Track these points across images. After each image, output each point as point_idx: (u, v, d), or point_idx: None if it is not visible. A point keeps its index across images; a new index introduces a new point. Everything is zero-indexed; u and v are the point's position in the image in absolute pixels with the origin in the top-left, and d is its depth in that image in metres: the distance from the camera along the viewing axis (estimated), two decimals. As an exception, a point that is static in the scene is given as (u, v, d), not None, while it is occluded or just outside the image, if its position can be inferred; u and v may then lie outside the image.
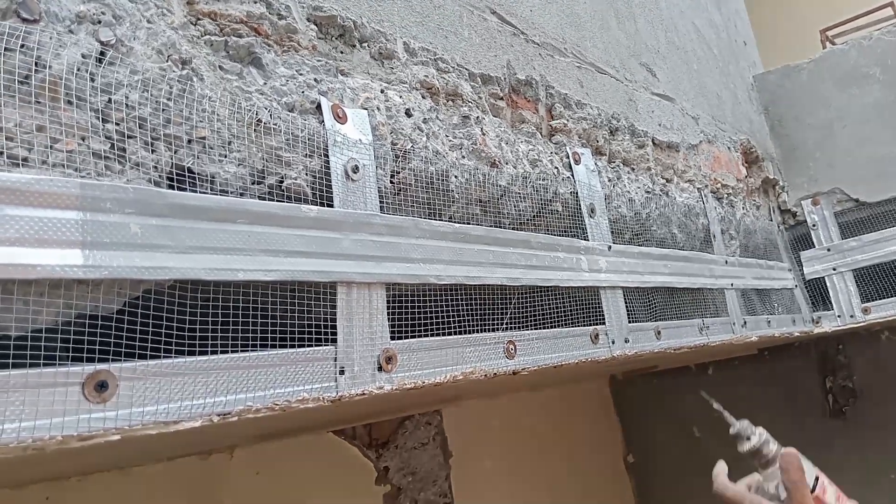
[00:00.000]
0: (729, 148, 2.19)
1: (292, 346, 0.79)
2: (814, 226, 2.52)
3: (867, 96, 2.48)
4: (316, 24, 0.94)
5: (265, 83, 0.85)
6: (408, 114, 1.02)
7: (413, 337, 0.94)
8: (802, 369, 3.12)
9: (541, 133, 1.34)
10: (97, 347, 0.63)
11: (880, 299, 2.37)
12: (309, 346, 0.81)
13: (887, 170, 2.41)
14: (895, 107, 2.42)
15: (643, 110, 1.73)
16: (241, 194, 0.79)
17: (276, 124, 0.82)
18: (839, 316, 2.42)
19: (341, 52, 0.98)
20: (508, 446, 2.79)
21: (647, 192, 1.60)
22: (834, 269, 2.44)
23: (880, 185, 2.42)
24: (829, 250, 2.47)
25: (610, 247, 1.37)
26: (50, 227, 0.61)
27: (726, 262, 1.87)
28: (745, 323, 1.85)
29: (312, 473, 2.06)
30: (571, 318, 1.25)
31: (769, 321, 2.02)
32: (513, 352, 1.09)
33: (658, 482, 3.45)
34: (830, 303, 2.44)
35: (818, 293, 2.49)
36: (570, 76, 1.48)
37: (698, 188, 1.87)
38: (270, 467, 1.97)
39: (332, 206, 0.86)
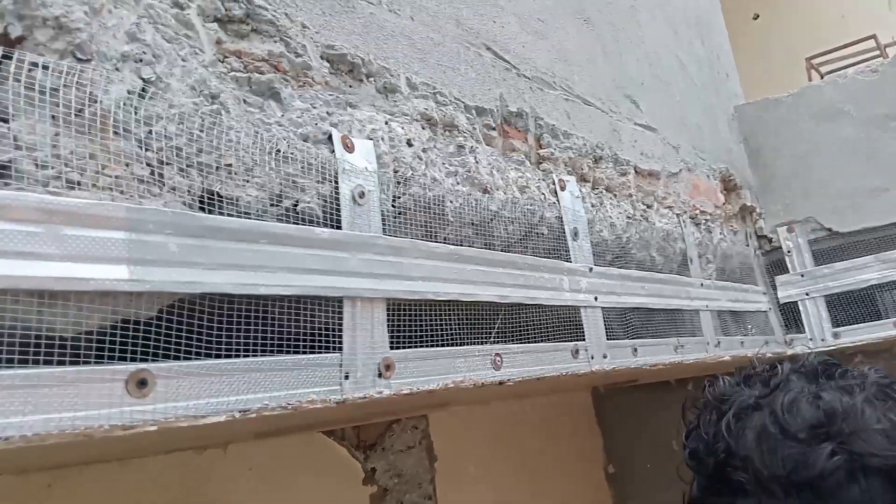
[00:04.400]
0: (708, 176, 2.31)
1: (304, 353, 0.88)
2: (788, 252, 2.63)
3: (841, 131, 2.61)
4: (328, 62, 1.04)
5: (283, 115, 0.94)
6: (409, 143, 1.12)
7: (410, 347, 1.03)
8: (778, 389, 3.21)
9: (529, 161, 1.44)
10: (139, 349, 0.72)
11: (850, 325, 2.48)
12: (318, 352, 0.90)
13: (859, 202, 2.54)
14: (866, 143, 2.54)
15: (626, 140, 1.84)
16: (261, 216, 0.88)
17: (292, 153, 0.92)
18: (811, 339, 2.53)
19: (350, 87, 1.08)
20: (492, 452, 2.85)
21: (628, 217, 1.70)
22: (807, 295, 2.56)
23: (852, 217, 2.55)
24: (802, 276, 2.58)
25: (591, 268, 1.47)
26: (101, 246, 0.70)
27: (702, 284, 1.98)
28: (718, 343, 1.95)
29: (302, 471, 2.11)
30: (554, 334, 1.34)
31: (742, 342, 2.12)
32: (499, 363, 1.18)
33: (636, 493, 3.53)
34: (803, 326, 2.56)
35: (791, 316, 2.60)
36: (558, 108, 1.58)
37: (677, 214, 1.98)
38: (262, 464, 2.02)
39: (340, 227, 0.95)
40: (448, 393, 1.10)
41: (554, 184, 1.47)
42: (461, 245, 1.20)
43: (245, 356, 0.82)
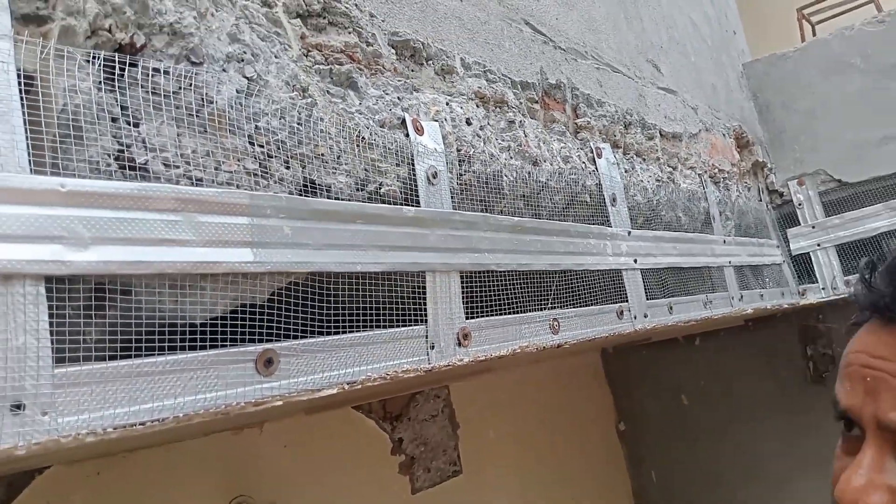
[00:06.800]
0: (724, 135, 2.36)
1: (396, 326, 0.95)
2: (799, 205, 2.70)
3: (848, 84, 2.66)
4: (394, 48, 1.09)
5: (361, 103, 0.99)
6: (468, 122, 1.17)
7: (482, 316, 1.10)
8: (784, 338, 3.31)
9: (569, 131, 1.49)
10: (263, 330, 0.78)
11: (861, 272, 2.56)
12: (407, 325, 0.96)
13: (867, 153, 2.60)
14: (874, 94, 2.60)
15: (651, 104, 1.89)
16: (348, 200, 0.94)
17: (374, 139, 0.97)
18: (823, 288, 2.62)
19: (412, 71, 1.13)
20: (510, 417, 2.95)
21: (658, 180, 1.76)
22: (818, 245, 2.64)
23: (860, 167, 2.62)
24: (813, 227, 2.66)
25: (630, 232, 1.53)
26: (229, 231, 0.75)
27: (724, 241, 2.05)
28: (741, 297, 2.03)
29: (334, 445, 2.19)
30: (600, 297, 1.41)
31: (762, 294, 2.21)
32: (557, 328, 1.25)
33: (648, 448, 3.65)
34: (815, 276, 2.64)
35: (804, 267, 2.68)
36: (590, 77, 1.63)
37: (699, 174, 2.04)
38: (296, 440, 2.11)
39: (419, 206, 1.01)
40: (514, 358, 1.17)
41: (591, 152, 1.52)
42: (513, 216, 1.26)
43: (347, 332, 0.88)
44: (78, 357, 0.64)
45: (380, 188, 0.97)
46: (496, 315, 1.14)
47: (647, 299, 1.55)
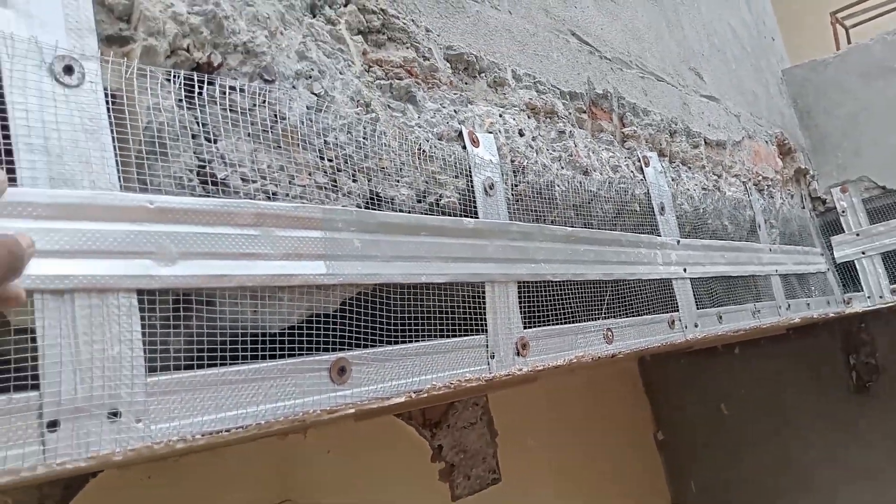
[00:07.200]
0: (766, 142, 2.35)
1: (458, 336, 0.96)
2: (843, 212, 2.67)
3: (891, 89, 2.63)
4: (449, 62, 1.11)
5: (419, 117, 1.01)
6: (520, 133, 1.19)
7: (538, 326, 1.11)
8: (826, 347, 3.26)
9: (616, 140, 1.50)
10: (337, 339, 0.80)
11: (908, 280, 2.53)
12: (469, 335, 0.98)
13: (912, 158, 2.57)
14: (919, 99, 2.57)
15: (695, 112, 1.89)
16: (409, 212, 0.96)
17: (433, 152, 0.99)
18: (869, 297, 2.58)
19: (466, 84, 1.15)
20: (548, 425, 2.95)
21: (703, 188, 1.76)
22: (863, 253, 2.60)
23: (906, 173, 2.58)
24: (857, 235, 2.62)
25: (679, 241, 1.53)
26: (303, 244, 0.78)
27: (770, 249, 2.04)
28: (788, 306, 2.01)
29: (376, 452, 2.22)
30: (652, 307, 1.41)
31: (808, 303, 2.18)
32: (611, 337, 1.25)
33: (687, 458, 3.61)
34: (860, 284, 2.60)
35: (848, 275, 2.65)
36: (635, 86, 1.64)
37: (743, 182, 2.03)
38: (339, 446, 2.13)
39: (477, 218, 1.03)
40: (568, 367, 1.18)
41: (639, 161, 1.53)
42: (565, 226, 1.27)
43: (413, 342, 0.90)
44: (167, 366, 0.67)
45: (439, 200, 0.99)
46: (551, 325, 1.14)
47: (698, 309, 1.54)
